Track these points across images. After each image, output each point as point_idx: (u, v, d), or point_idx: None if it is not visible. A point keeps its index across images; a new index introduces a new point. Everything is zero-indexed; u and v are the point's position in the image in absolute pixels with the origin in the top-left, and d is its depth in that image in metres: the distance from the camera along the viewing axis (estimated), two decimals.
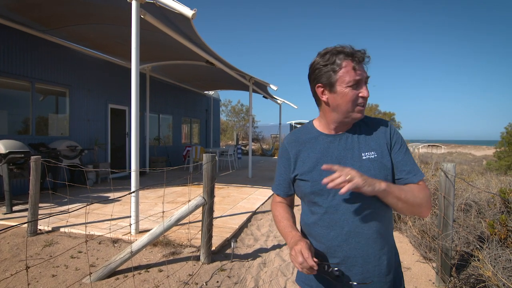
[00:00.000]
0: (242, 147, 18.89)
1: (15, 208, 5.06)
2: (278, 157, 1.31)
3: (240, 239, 4.12)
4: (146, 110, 10.20)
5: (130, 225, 4.01)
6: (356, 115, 1.13)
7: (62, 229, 4.14)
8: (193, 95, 13.93)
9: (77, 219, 4.49)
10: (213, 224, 3.46)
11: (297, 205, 1.31)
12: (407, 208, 1.08)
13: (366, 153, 1.13)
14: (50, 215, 2.66)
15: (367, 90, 1.10)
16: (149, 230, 3.06)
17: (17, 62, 6.41)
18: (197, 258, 3.35)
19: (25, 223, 3.54)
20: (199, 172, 3.65)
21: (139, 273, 3.01)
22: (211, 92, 15.50)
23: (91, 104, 8.31)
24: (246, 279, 3.04)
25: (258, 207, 5.69)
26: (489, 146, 44.42)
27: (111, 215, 4.74)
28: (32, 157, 3.86)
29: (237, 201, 6.07)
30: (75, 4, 5.62)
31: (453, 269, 2.86)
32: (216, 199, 5.17)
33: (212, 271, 3.13)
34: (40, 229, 4.10)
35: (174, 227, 3.59)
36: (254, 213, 5.36)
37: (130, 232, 3.98)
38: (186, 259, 3.34)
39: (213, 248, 3.54)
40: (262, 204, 5.95)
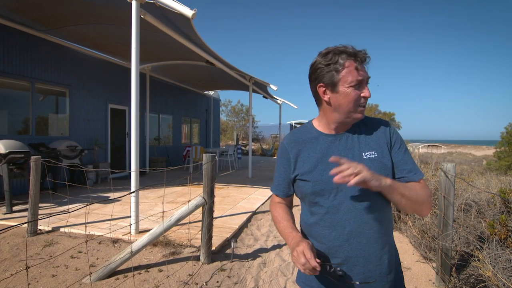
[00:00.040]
0: (242, 147, 18.88)
1: (15, 208, 5.06)
2: (278, 157, 1.29)
3: (240, 239, 4.12)
4: (146, 110, 10.20)
5: (130, 225, 4.01)
6: (357, 115, 1.13)
7: (62, 229, 4.14)
8: (193, 95, 13.93)
9: (77, 219, 4.49)
10: (213, 224, 3.46)
11: (296, 206, 1.31)
12: (410, 206, 1.07)
13: (367, 153, 1.14)
14: (50, 215, 2.67)
15: (369, 90, 1.10)
16: (149, 230, 3.06)
17: (17, 62, 6.41)
18: (197, 258, 3.35)
19: (25, 223, 3.54)
20: (199, 172, 3.65)
21: (139, 273, 3.01)
22: (211, 92, 15.50)
23: (91, 104, 8.31)
24: (246, 279, 3.04)
25: (258, 207, 5.69)
26: (489, 146, 44.42)
27: (111, 215, 4.74)
28: (32, 157, 3.86)
29: (237, 201, 6.07)
30: (75, 4, 5.62)
31: (453, 269, 2.86)
32: (216, 199, 5.17)
33: (212, 271, 3.13)
34: (40, 229, 4.10)
35: (174, 227, 3.59)
36: (254, 213, 5.36)
37: (130, 232, 3.98)
38: (186, 259, 3.34)
39: (213, 248, 3.54)
40: (262, 204, 5.95)
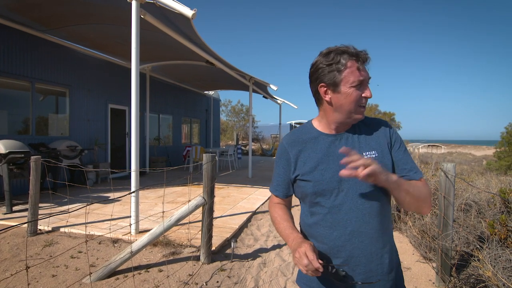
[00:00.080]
0: (242, 147, 18.88)
1: (15, 208, 5.06)
2: (277, 158, 1.28)
3: (240, 239, 4.12)
4: (146, 110, 10.20)
5: (130, 225, 4.01)
6: (358, 116, 1.13)
7: (62, 229, 4.14)
8: (193, 95, 13.93)
9: (77, 219, 4.49)
10: (213, 224, 3.46)
11: (294, 206, 1.31)
12: (413, 203, 1.08)
13: (367, 152, 1.14)
14: (50, 215, 2.67)
15: (370, 91, 1.11)
16: (149, 230, 3.06)
17: (17, 62, 6.41)
18: (197, 258, 3.35)
19: (25, 223, 3.54)
20: (199, 172, 3.65)
21: (139, 273, 3.01)
22: (211, 92, 15.50)
23: (91, 104, 8.31)
24: (246, 279, 3.04)
25: (258, 207, 5.69)
26: (489, 146, 44.43)
27: (111, 215, 4.74)
28: (32, 157, 3.86)
29: (237, 201, 6.07)
30: (75, 4, 5.62)
31: (453, 269, 2.86)
32: (216, 199, 5.17)
33: (212, 271, 3.13)
34: (40, 229, 4.10)
35: (174, 227, 3.59)
36: (254, 213, 5.36)
37: (130, 232, 3.98)
38: (186, 259, 3.34)
39: (213, 248, 3.54)
40: (262, 204, 5.95)
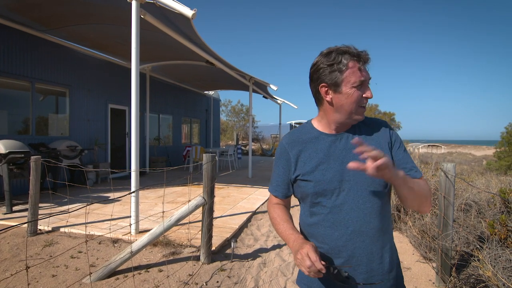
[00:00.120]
0: (242, 147, 18.89)
1: (15, 208, 5.06)
2: (276, 158, 1.28)
3: (240, 239, 4.12)
4: (146, 110, 10.20)
5: (130, 225, 4.01)
6: (358, 117, 1.13)
7: (62, 229, 4.14)
8: (193, 95, 13.93)
9: (77, 219, 4.49)
10: (213, 224, 3.46)
11: (294, 206, 1.31)
12: (416, 200, 1.08)
13: None
14: (50, 215, 2.67)
15: (371, 91, 1.11)
16: (149, 230, 3.06)
17: (17, 62, 6.41)
18: (197, 258, 3.35)
19: (25, 223, 3.54)
20: (199, 172, 3.65)
21: (139, 273, 3.01)
22: (211, 92, 15.50)
23: (91, 104, 8.31)
24: (246, 279, 3.04)
25: (258, 207, 5.69)
26: (489, 146, 44.44)
27: (111, 215, 4.74)
28: (32, 157, 3.86)
29: (237, 201, 6.07)
30: (75, 4, 5.62)
31: (453, 269, 2.86)
32: (216, 199, 5.17)
33: (212, 271, 3.13)
34: (40, 229, 4.10)
35: (174, 227, 3.59)
36: (254, 213, 5.36)
37: (130, 232, 3.98)
38: (186, 259, 3.34)
39: (213, 248, 3.54)
40: (262, 204, 5.95)
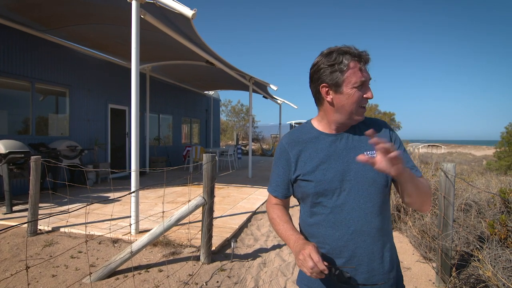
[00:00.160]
0: (242, 147, 18.89)
1: (15, 208, 5.06)
2: (275, 158, 1.27)
3: (240, 239, 4.12)
4: (146, 110, 10.20)
5: (130, 225, 4.01)
6: (358, 117, 1.13)
7: (62, 229, 4.14)
8: (193, 95, 13.93)
9: (77, 219, 4.49)
10: (213, 224, 3.46)
11: (294, 206, 1.31)
12: (420, 197, 1.08)
13: (368, 152, 1.14)
14: (50, 215, 2.67)
15: (371, 92, 1.11)
16: (149, 230, 3.06)
17: (17, 62, 6.41)
18: (197, 258, 3.35)
19: (25, 223, 3.54)
20: (199, 172, 3.65)
21: (139, 273, 3.01)
22: (211, 92, 15.50)
23: (91, 104, 8.31)
24: (246, 279, 3.04)
25: (258, 207, 5.69)
26: (489, 146, 44.44)
27: (111, 215, 4.74)
28: (32, 157, 3.86)
29: (237, 201, 6.07)
30: (75, 4, 5.62)
31: (453, 269, 2.86)
32: (216, 199, 5.17)
33: (212, 271, 3.13)
34: (40, 229, 4.10)
35: (174, 227, 3.59)
36: (254, 213, 5.36)
37: (130, 232, 3.98)
38: (186, 259, 3.34)
39: (213, 248, 3.54)
40: (262, 204, 5.94)
